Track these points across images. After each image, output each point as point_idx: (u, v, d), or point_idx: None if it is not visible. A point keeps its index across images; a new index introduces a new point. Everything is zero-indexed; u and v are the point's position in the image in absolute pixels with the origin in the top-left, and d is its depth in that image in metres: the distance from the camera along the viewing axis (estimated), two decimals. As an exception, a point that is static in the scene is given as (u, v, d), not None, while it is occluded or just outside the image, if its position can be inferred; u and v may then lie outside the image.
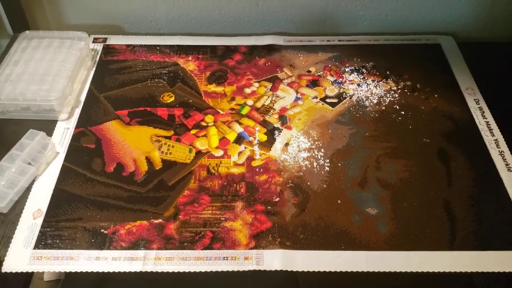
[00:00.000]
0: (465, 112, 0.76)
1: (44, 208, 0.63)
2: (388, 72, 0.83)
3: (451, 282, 0.58)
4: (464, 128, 0.73)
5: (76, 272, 0.57)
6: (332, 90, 0.80)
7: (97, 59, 0.85)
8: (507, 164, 0.68)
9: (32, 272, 0.57)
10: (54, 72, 0.77)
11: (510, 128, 0.72)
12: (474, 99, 0.78)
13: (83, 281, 0.57)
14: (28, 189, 0.65)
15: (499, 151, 0.69)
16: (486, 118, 0.74)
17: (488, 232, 0.60)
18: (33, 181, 0.66)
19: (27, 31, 0.84)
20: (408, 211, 0.62)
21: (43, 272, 0.73)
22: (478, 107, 0.76)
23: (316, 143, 0.71)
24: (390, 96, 0.78)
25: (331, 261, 0.57)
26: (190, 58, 0.86)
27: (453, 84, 0.81)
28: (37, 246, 0.58)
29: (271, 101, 0.78)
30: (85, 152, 0.70)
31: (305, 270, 0.57)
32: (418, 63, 0.84)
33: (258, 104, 0.78)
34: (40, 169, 0.67)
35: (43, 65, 0.78)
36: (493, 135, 0.72)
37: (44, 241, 0.59)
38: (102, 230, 0.60)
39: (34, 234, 0.60)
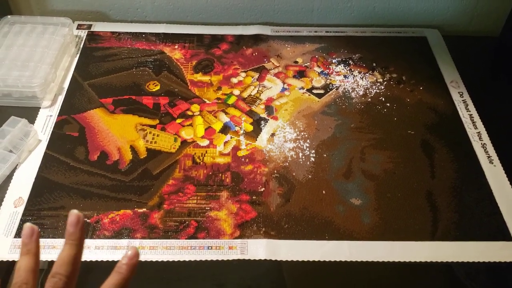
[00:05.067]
0: (449, 104, 0.76)
1: (25, 196, 0.62)
2: (374, 64, 0.83)
3: (433, 273, 0.59)
4: (448, 121, 0.74)
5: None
6: (318, 81, 0.80)
7: (81, 46, 0.84)
8: (489, 157, 0.69)
9: (13, 262, 0.56)
10: (37, 58, 0.75)
11: (493, 121, 0.73)
12: (458, 92, 0.79)
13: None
14: (9, 177, 0.64)
15: (481, 143, 0.70)
16: (469, 111, 0.75)
17: (469, 223, 0.61)
18: (15, 169, 0.65)
19: (8, 16, 0.82)
20: (391, 202, 0.63)
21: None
22: (462, 100, 0.77)
23: (302, 133, 0.72)
24: (376, 88, 0.79)
25: (315, 251, 0.58)
26: (176, 47, 0.85)
27: (438, 77, 0.81)
28: (18, 234, 0.57)
29: (257, 91, 0.78)
30: (68, 140, 0.69)
31: (289, 259, 0.57)
32: (404, 56, 0.85)
33: (245, 94, 0.77)
34: (22, 157, 0.66)
35: (25, 51, 0.76)
36: (476, 128, 0.73)
37: (25, 229, 0.58)
38: (85, 219, 0.59)
39: (15, 222, 0.59)
